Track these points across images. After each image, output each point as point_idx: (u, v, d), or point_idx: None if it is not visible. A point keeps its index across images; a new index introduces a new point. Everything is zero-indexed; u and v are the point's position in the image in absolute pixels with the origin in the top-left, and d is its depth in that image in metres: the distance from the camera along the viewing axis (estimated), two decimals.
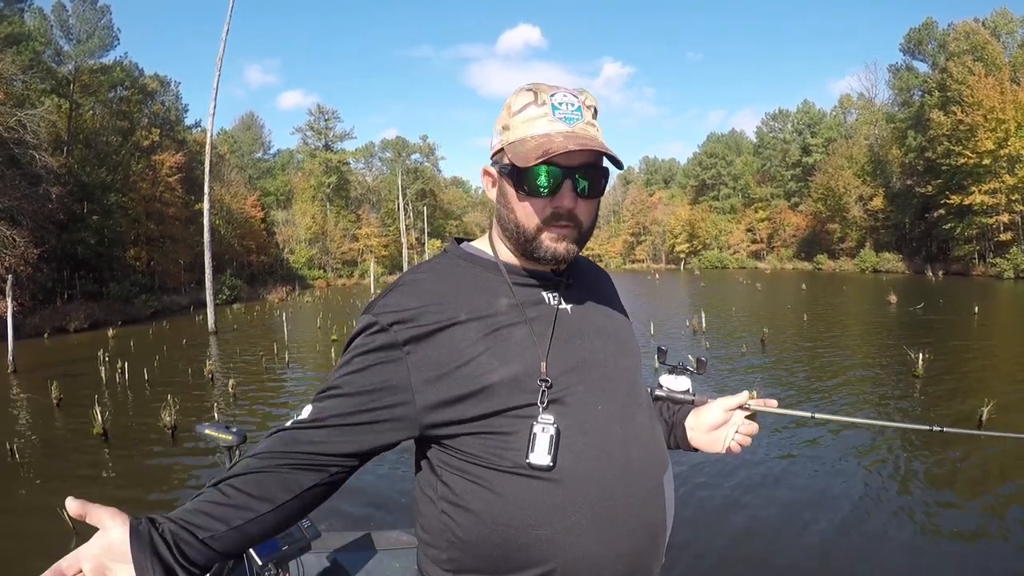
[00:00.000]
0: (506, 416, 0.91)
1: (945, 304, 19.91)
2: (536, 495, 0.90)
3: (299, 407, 5.81)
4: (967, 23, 40.62)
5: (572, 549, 0.90)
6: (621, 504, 0.94)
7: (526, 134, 0.95)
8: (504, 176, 0.98)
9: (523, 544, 0.90)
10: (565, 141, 0.91)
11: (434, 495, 0.97)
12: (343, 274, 57.09)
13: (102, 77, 31.23)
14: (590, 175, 0.96)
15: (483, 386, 0.90)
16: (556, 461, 0.90)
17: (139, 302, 27.74)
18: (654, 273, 54.97)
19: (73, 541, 4.67)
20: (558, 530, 0.90)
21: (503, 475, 0.91)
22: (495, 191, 1.02)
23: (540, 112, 0.95)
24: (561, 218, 0.95)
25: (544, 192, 0.94)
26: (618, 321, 1.11)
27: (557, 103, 0.95)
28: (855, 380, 9.46)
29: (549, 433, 0.90)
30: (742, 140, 71.95)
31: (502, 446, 0.91)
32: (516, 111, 0.97)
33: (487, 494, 0.91)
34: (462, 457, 0.93)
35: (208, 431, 2.35)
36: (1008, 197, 35.65)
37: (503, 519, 0.90)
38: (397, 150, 68.03)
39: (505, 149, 0.97)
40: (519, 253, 1.01)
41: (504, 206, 0.99)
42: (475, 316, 0.94)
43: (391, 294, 0.97)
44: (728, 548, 4.24)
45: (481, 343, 0.92)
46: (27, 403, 10.21)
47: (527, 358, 0.93)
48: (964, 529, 4.43)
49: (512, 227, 0.98)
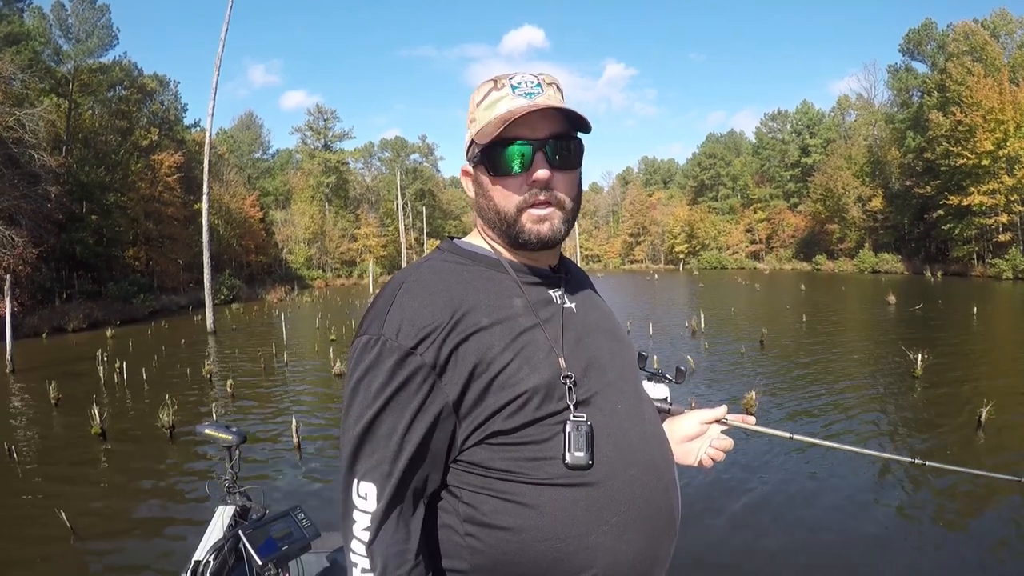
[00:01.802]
0: (540, 424, 0.87)
1: (944, 305, 19.93)
2: (576, 503, 0.87)
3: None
4: (966, 24, 40.69)
5: (613, 551, 0.89)
6: (652, 500, 0.94)
7: (489, 116, 0.94)
8: (477, 166, 0.97)
9: (565, 555, 0.87)
10: (525, 108, 0.91)
11: (455, 520, 0.90)
12: (342, 274, 57.10)
13: (101, 76, 31.24)
14: (561, 145, 0.94)
15: (517, 396, 0.86)
16: (593, 459, 0.88)
17: (138, 302, 27.72)
18: (653, 273, 54.92)
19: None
20: (601, 535, 0.88)
21: (538, 488, 0.87)
22: (472, 188, 1.01)
23: (501, 94, 0.95)
24: (539, 194, 0.93)
25: (516, 168, 0.92)
26: (611, 317, 1.11)
27: (516, 83, 0.95)
28: (854, 381, 9.45)
29: (584, 430, 0.88)
30: (741, 141, 72.02)
31: (535, 455, 0.87)
32: (479, 101, 0.96)
33: (523, 510, 0.87)
34: (488, 475, 0.88)
35: (208, 431, 2.35)
36: (1007, 198, 35.68)
37: (543, 533, 0.86)
38: (396, 150, 68.03)
39: (475, 139, 0.96)
40: (507, 244, 0.98)
41: (482, 195, 0.97)
42: (496, 320, 0.89)
43: (399, 305, 0.88)
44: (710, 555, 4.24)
45: (509, 350, 0.87)
46: (25, 403, 10.20)
47: (551, 361, 0.90)
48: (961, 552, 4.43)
49: (492, 215, 0.96)
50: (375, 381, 0.85)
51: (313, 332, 18.99)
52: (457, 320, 0.86)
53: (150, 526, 5.03)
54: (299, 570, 2.15)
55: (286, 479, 5.94)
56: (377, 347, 0.85)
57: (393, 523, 0.86)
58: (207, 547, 2.07)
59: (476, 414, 0.86)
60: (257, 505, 2.43)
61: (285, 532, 2.02)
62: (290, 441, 6.85)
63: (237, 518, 2.32)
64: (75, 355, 15.70)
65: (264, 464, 6.35)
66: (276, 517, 2.07)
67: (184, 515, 5.15)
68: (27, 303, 20.95)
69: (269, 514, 2.18)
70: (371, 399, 0.85)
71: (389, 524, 0.86)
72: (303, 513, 2.11)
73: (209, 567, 1.98)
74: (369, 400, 0.85)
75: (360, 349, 0.87)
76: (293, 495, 5.33)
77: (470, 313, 0.88)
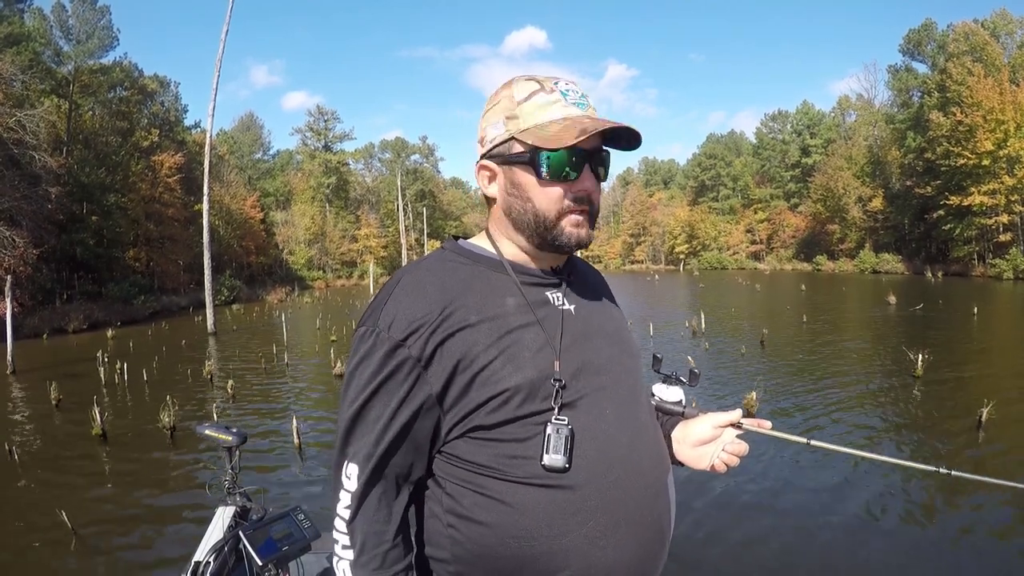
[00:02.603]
0: (521, 423, 0.89)
1: (944, 305, 19.92)
2: (552, 504, 0.88)
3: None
4: (966, 24, 40.71)
5: (588, 555, 0.89)
6: (634, 507, 0.93)
7: (544, 119, 0.93)
8: (517, 164, 0.95)
9: (539, 554, 0.88)
10: (595, 122, 0.91)
11: (439, 509, 0.94)
12: (342, 275, 57.12)
13: (101, 77, 31.27)
14: (604, 159, 0.97)
15: (498, 392, 0.88)
16: (571, 463, 0.89)
17: (138, 303, 27.73)
18: (653, 274, 54.95)
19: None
20: (575, 538, 0.88)
21: (516, 486, 0.88)
22: (497, 185, 0.99)
23: (551, 98, 0.94)
24: (582, 202, 0.95)
25: (571, 175, 0.93)
26: (617, 321, 1.10)
27: (564, 90, 0.95)
28: (854, 381, 9.44)
29: (564, 434, 0.88)
30: (741, 141, 72.04)
31: (514, 453, 0.89)
32: (522, 99, 0.95)
33: (499, 506, 0.89)
34: (469, 468, 0.90)
35: (208, 432, 2.35)
36: (1007, 198, 35.69)
37: (517, 531, 0.88)
38: (396, 151, 68.09)
39: (517, 137, 0.94)
40: (535, 245, 0.98)
41: (518, 196, 0.96)
42: (485, 318, 0.91)
43: (395, 300, 0.91)
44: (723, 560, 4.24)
45: (494, 347, 0.89)
46: (26, 404, 10.21)
47: (539, 362, 0.91)
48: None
49: (530, 217, 0.95)
50: (367, 369, 0.89)
51: (313, 333, 19.00)
52: (445, 316, 0.89)
53: (150, 526, 5.03)
54: (299, 571, 2.14)
55: (286, 480, 5.94)
56: (372, 338, 0.90)
57: (374, 503, 0.91)
58: (207, 548, 2.07)
59: (459, 408, 0.89)
60: (257, 506, 2.43)
61: (285, 533, 2.01)
62: (290, 442, 6.86)
63: (237, 519, 2.32)
64: (76, 356, 15.70)
65: (264, 465, 6.35)
66: (276, 518, 2.07)
67: (184, 516, 5.14)
68: (28, 304, 20.95)
69: (269, 515, 2.18)
70: (363, 386, 0.90)
71: (369, 504, 0.91)
72: (303, 514, 2.11)
73: (209, 568, 1.98)
74: (361, 387, 0.90)
75: (358, 339, 0.92)
76: (293, 495, 5.34)
77: (459, 310, 0.90)
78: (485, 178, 1.01)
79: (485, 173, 1.00)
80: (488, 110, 0.99)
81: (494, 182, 1.00)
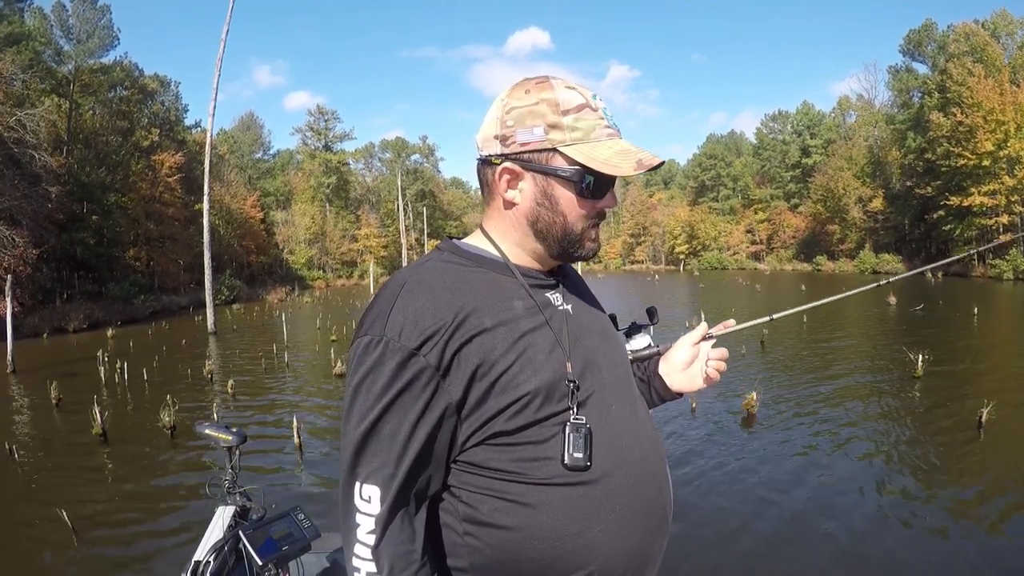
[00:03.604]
0: (540, 426, 0.88)
1: (944, 305, 19.90)
2: (574, 502, 0.89)
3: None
4: (967, 24, 40.68)
5: (609, 547, 0.91)
6: (645, 495, 0.97)
7: (592, 138, 0.93)
8: (557, 178, 0.93)
9: (565, 552, 0.88)
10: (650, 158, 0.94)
11: (453, 519, 0.91)
12: (342, 275, 57.11)
13: (102, 77, 31.23)
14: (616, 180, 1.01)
15: (518, 397, 0.87)
16: (592, 460, 0.90)
17: (138, 302, 27.73)
18: (654, 274, 54.94)
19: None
20: (597, 533, 0.90)
21: (537, 488, 0.88)
22: (521, 191, 0.95)
23: (596, 116, 0.94)
24: (601, 217, 0.99)
25: (606, 196, 0.97)
26: (603, 317, 1.12)
27: (603, 108, 0.96)
28: (854, 381, 9.44)
29: (583, 433, 0.89)
30: (742, 141, 72.04)
31: (534, 455, 0.88)
32: (568, 110, 0.92)
33: (522, 509, 0.88)
34: (487, 475, 0.89)
35: (208, 431, 2.36)
36: (1008, 198, 35.69)
37: (542, 532, 0.87)
38: (397, 151, 68.07)
39: (563, 151, 0.92)
40: (552, 254, 0.99)
41: (549, 208, 0.95)
42: (499, 322, 0.89)
43: (401, 305, 0.86)
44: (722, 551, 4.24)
45: (511, 352, 0.87)
46: (26, 403, 10.20)
47: (552, 364, 0.91)
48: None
49: (558, 229, 0.96)
50: (378, 382, 0.84)
51: (314, 332, 18.99)
52: (460, 321, 0.86)
53: (151, 526, 5.03)
54: (299, 570, 2.15)
55: (286, 479, 5.94)
56: (380, 348, 0.84)
57: (398, 525, 0.86)
58: (207, 547, 2.08)
59: (478, 415, 0.87)
60: (257, 505, 2.43)
61: (285, 532, 2.02)
62: (291, 441, 6.86)
63: (237, 518, 2.32)
64: (76, 355, 15.70)
65: (265, 464, 6.36)
66: (276, 517, 2.07)
67: (184, 515, 5.14)
68: (28, 303, 20.96)
69: (269, 514, 2.18)
70: (374, 400, 0.84)
71: (394, 526, 0.85)
72: (303, 513, 2.11)
73: (209, 567, 1.98)
74: (372, 402, 0.84)
75: (362, 350, 0.86)
76: (293, 495, 5.33)
77: (473, 315, 0.87)
78: (506, 181, 0.95)
79: (507, 176, 0.95)
80: (514, 108, 0.93)
81: (517, 187, 0.95)
